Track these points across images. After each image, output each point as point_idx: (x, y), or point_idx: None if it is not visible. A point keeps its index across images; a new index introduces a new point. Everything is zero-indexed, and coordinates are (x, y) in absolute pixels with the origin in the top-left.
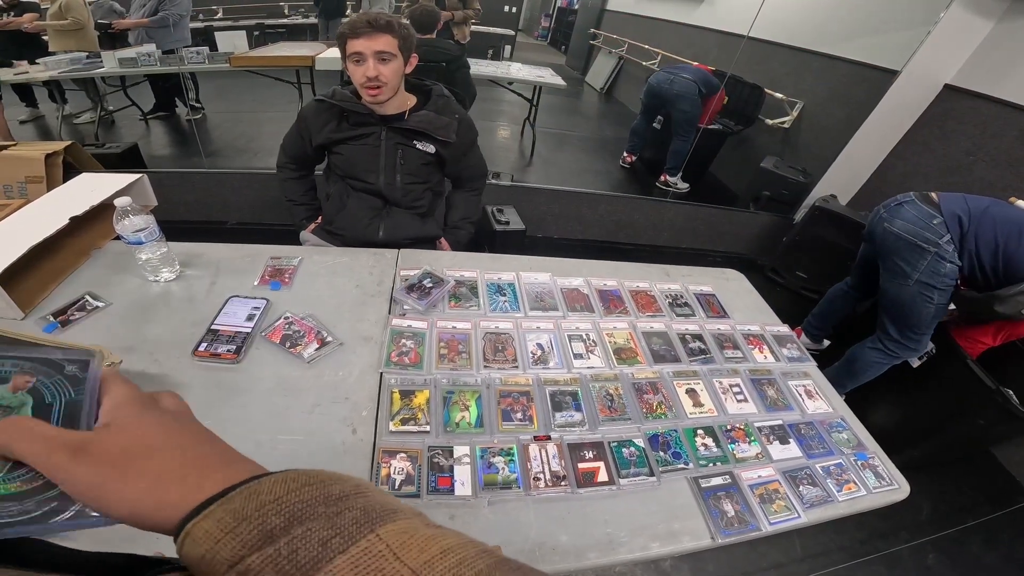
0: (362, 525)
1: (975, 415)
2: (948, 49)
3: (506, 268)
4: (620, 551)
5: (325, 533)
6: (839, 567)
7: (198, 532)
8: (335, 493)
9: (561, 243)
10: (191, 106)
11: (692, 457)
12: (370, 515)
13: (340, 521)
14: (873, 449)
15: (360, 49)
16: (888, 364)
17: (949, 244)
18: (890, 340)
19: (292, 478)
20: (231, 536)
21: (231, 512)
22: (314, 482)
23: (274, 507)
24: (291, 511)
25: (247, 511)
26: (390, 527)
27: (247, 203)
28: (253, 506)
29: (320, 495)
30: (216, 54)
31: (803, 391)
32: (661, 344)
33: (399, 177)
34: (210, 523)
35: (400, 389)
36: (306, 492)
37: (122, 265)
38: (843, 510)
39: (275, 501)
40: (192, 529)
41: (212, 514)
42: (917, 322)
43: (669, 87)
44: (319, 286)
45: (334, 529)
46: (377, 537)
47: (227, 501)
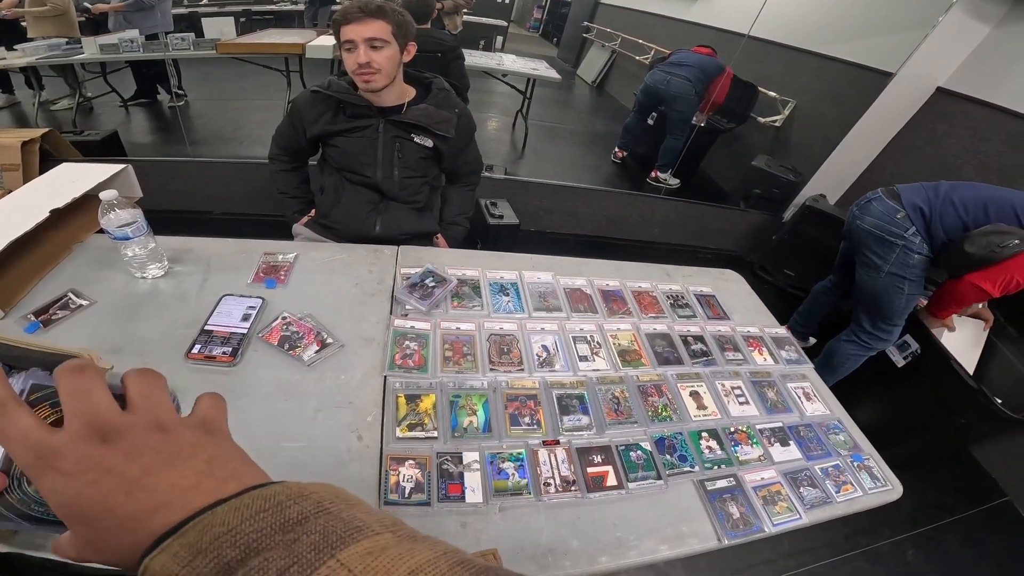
0: (321, 551)
1: (957, 414)
2: (943, 52)
3: (508, 267)
4: (630, 555)
5: (282, 563)
6: (825, 563)
7: (155, 567)
8: (293, 517)
9: (555, 238)
10: (175, 93)
11: (697, 460)
12: (330, 538)
13: (298, 548)
14: (868, 451)
15: (352, 36)
16: (863, 356)
17: (915, 236)
18: (864, 332)
19: (246, 505)
20: (188, 571)
21: (186, 546)
22: (270, 507)
23: (228, 539)
24: (246, 542)
25: (202, 544)
26: (352, 549)
27: (234, 193)
28: (207, 539)
29: (276, 521)
30: (202, 40)
31: (801, 393)
32: (664, 346)
33: (396, 171)
34: (166, 557)
35: (405, 393)
36: (261, 519)
37: (106, 260)
38: (841, 511)
39: (229, 532)
40: (150, 564)
41: (168, 548)
42: (889, 313)
43: (666, 88)
44: (317, 284)
45: (292, 557)
46: (338, 563)
47: (181, 535)
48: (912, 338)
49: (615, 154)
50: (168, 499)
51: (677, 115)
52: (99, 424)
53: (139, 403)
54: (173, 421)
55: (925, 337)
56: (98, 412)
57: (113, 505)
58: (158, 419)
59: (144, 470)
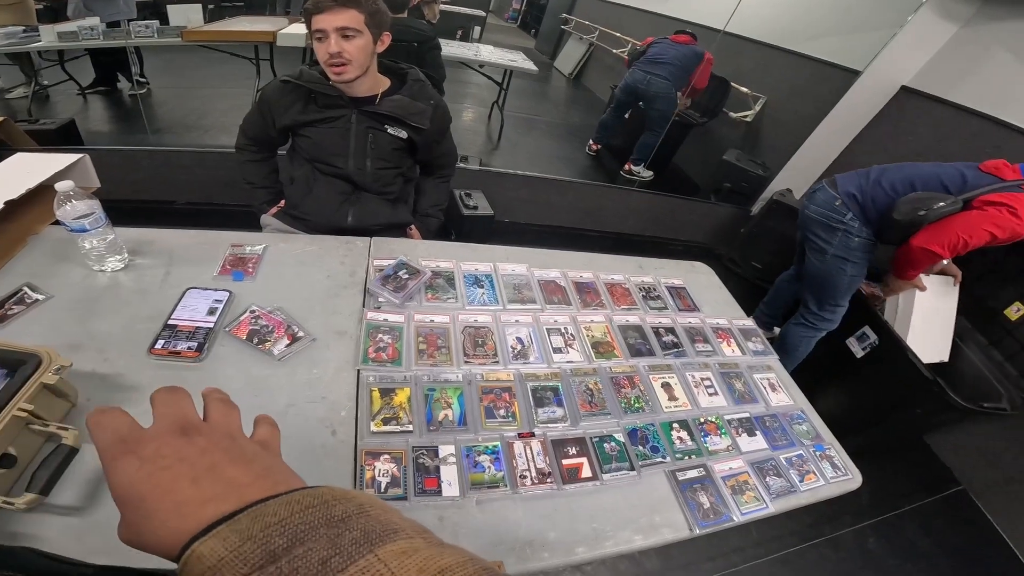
0: (361, 545)
1: (913, 404)
2: (909, 52)
3: (483, 259)
4: (607, 545)
5: (325, 553)
6: (791, 550)
7: (204, 550)
8: (337, 514)
9: (529, 229)
10: (136, 81)
11: (669, 451)
12: (370, 536)
13: (341, 541)
14: (829, 440)
15: (323, 26)
16: (812, 337)
17: (853, 221)
18: (810, 313)
19: (297, 500)
20: (235, 555)
21: (237, 532)
22: (318, 503)
23: (278, 528)
24: (294, 532)
25: (252, 531)
26: (390, 547)
27: (197, 182)
28: (258, 527)
29: (323, 516)
30: (167, 28)
31: (767, 384)
32: (637, 338)
33: (369, 162)
34: (216, 542)
35: (379, 387)
36: (309, 514)
37: (63, 253)
38: (805, 499)
39: (279, 523)
40: (199, 547)
41: (219, 534)
42: (833, 293)
43: (646, 88)
44: (287, 277)
45: (334, 549)
46: (376, 557)
47: (234, 522)
48: (871, 330)
49: (590, 147)
50: (226, 491)
51: (657, 113)
52: (183, 422)
53: (217, 418)
54: (241, 435)
55: (884, 329)
56: (184, 414)
57: (177, 489)
58: (230, 431)
59: (212, 464)
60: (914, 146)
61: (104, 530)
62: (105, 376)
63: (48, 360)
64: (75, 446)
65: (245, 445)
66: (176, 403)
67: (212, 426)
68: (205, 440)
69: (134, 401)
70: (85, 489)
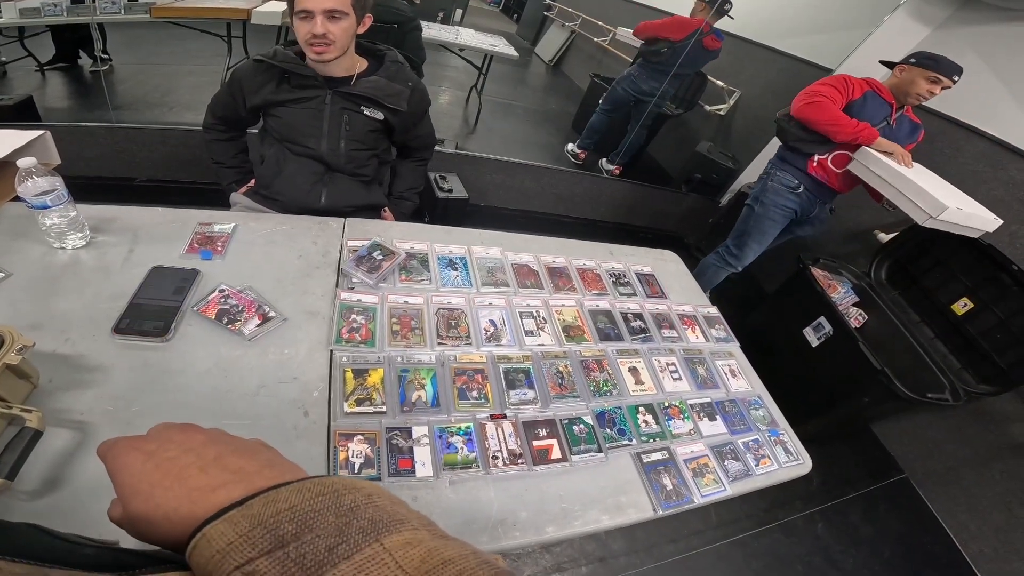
0: (368, 534)
1: (861, 393)
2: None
3: (457, 241)
4: (575, 524)
5: (332, 540)
6: (747, 534)
7: (214, 533)
8: (346, 504)
9: (503, 213)
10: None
11: (635, 434)
12: (377, 525)
13: (348, 530)
14: (783, 426)
15: (309, 6)
16: (719, 268)
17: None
18: (724, 249)
19: (308, 488)
20: (244, 539)
21: (248, 517)
22: (327, 492)
23: (288, 514)
24: (303, 519)
25: (263, 517)
26: (395, 537)
27: (159, 160)
28: (269, 513)
29: (332, 506)
30: (134, 4)
31: (728, 370)
32: (606, 323)
33: (343, 143)
34: (226, 526)
35: (353, 368)
36: (319, 502)
37: (21, 230)
38: (760, 483)
39: (290, 509)
40: (209, 530)
41: (230, 518)
42: (740, 231)
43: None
44: (257, 256)
45: (341, 537)
46: (381, 546)
47: (246, 507)
48: (826, 320)
49: (577, 156)
50: (234, 479)
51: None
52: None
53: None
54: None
55: (838, 321)
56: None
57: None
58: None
59: (217, 454)
60: None
61: (70, 515)
62: (67, 357)
63: (11, 340)
64: (40, 428)
65: (243, 440)
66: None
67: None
68: (205, 435)
69: (98, 383)
70: (51, 473)
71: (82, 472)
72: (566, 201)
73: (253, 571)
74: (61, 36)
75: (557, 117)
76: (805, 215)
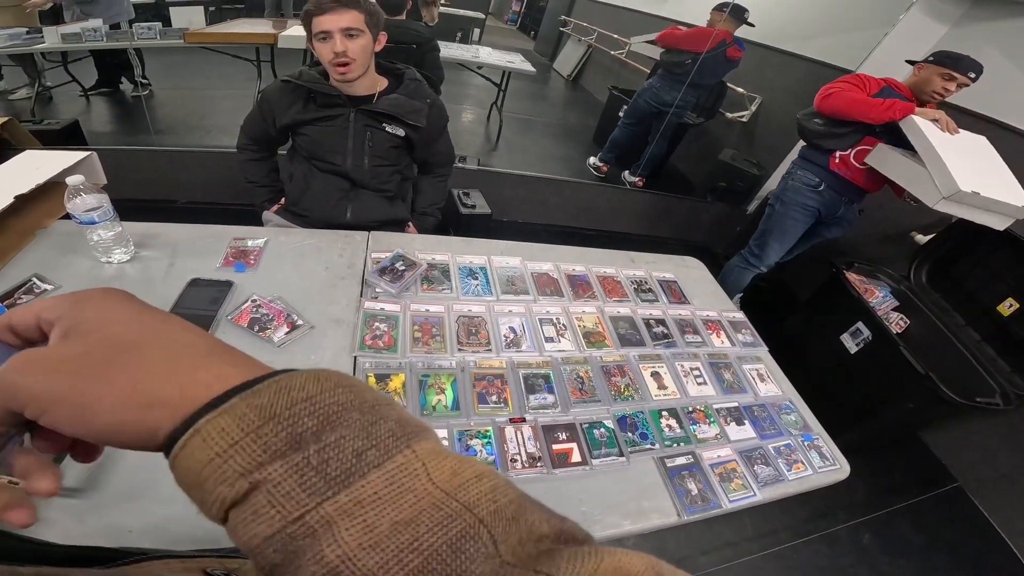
0: (399, 438)
1: (906, 399)
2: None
3: (477, 252)
4: (595, 529)
5: (360, 443)
6: (785, 546)
7: (211, 430)
8: (369, 400)
9: (526, 227)
10: (138, 83)
11: (658, 438)
12: (406, 429)
13: (376, 431)
14: (818, 431)
15: (327, 27)
16: (743, 269)
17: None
18: (747, 250)
19: (324, 377)
20: (252, 438)
21: (256, 408)
22: (346, 384)
23: (306, 406)
24: (325, 414)
25: (276, 408)
26: (424, 445)
27: (199, 182)
28: (283, 403)
29: (355, 400)
30: (170, 30)
31: (756, 374)
32: (627, 328)
33: (367, 160)
34: (228, 420)
35: (375, 373)
36: (340, 394)
37: (71, 246)
38: (793, 488)
39: (308, 400)
40: (204, 426)
41: (233, 409)
42: (762, 231)
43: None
44: (287, 268)
45: (370, 440)
46: (413, 453)
47: (253, 395)
48: (864, 325)
49: (599, 168)
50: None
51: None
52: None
53: None
54: None
55: (877, 326)
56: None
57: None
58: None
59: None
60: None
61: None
62: None
63: None
64: None
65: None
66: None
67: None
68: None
69: None
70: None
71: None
72: (588, 213)
73: (264, 479)
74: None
75: (577, 131)
76: (829, 214)
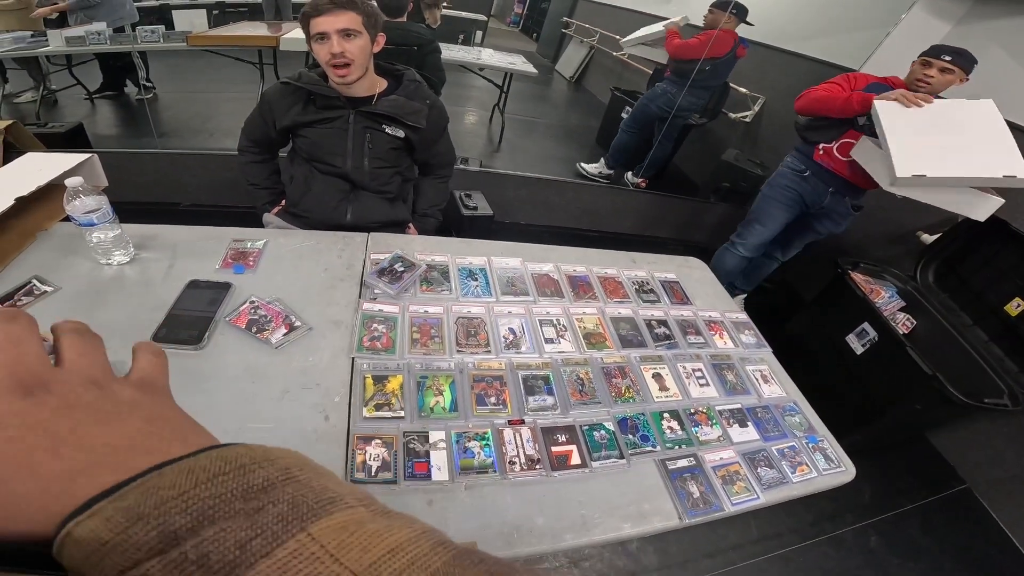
0: (290, 523)
1: (913, 400)
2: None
3: (477, 253)
4: (594, 532)
5: (244, 534)
6: (791, 548)
7: (82, 533)
8: (256, 483)
9: (528, 229)
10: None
11: (659, 440)
12: (299, 509)
13: (262, 518)
14: (822, 432)
15: (324, 29)
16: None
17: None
18: (734, 233)
19: (202, 467)
20: (123, 537)
21: (122, 510)
22: (230, 469)
23: (177, 503)
24: (200, 508)
25: (143, 509)
26: (325, 522)
27: (202, 185)
28: (151, 503)
29: (237, 487)
30: (173, 33)
31: (759, 376)
32: (628, 329)
33: (367, 161)
34: (96, 522)
35: (373, 374)
36: (220, 484)
37: (71, 248)
38: (797, 491)
39: (179, 496)
40: (75, 528)
41: (100, 512)
42: (751, 212)
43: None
44: (286, 270)
45: (255, 528)
46: (309, 536)
47: (118, 498)
48: (870, 326)
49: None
50: (101, 459)
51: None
52: (25, 376)
53: (73, 358)
54: (109, 378)
55: (883, 326)
56: (26, 363)
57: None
58: (92, 375)
59: (73, 427)
60: None
61: None
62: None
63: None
64: None
65: (117, 391)
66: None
67: (67, 373)
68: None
69: None
70: None
71: None
72: (591, 215)
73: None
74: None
75: (580, 132)
76: (815, 203)
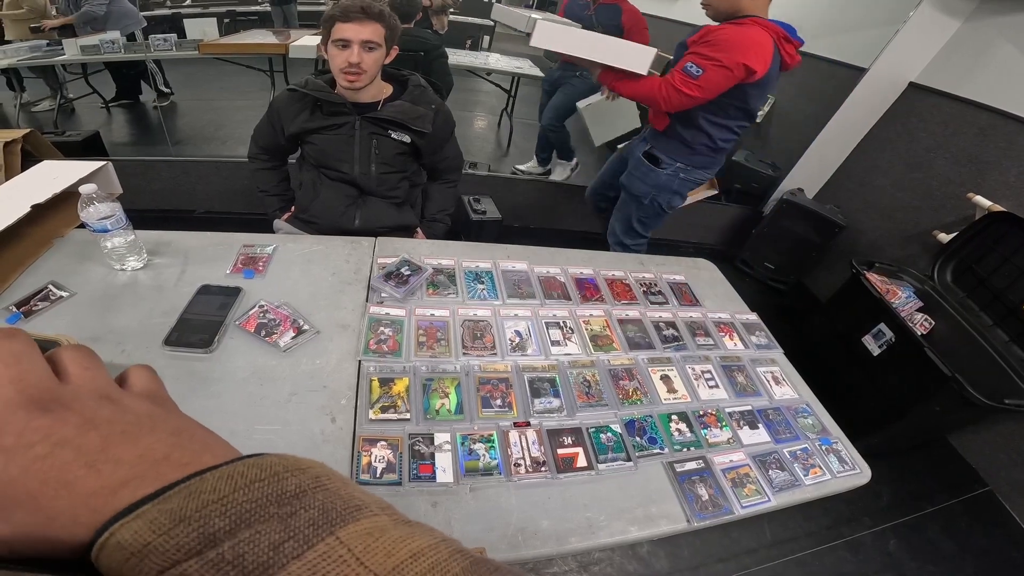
0: (320, 527)
1: (932, 402)
2: (914, 48)
3: (483, 256)
4: (600, 535)
5: (277, 536)
6: (806, 552)
7: (126, 535)
8: (290, 489)
9: (537, 232)
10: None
11: (667, 442)
12: (329, 515)
13: (295, 522)
14: (836, 434)
15: (348, 36)
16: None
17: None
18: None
19: (240, 473)
20: (165, 539)
21: (167, 512)
22: (265, 476)
23: (217, 507)
24: (238, 512)
25: (186, 511)
26: (352, 528)
27: (215, 192)
28: (194, 506)
29: (272, 493)
30: (184, 41)
31: (770, 377)
32: (636, 331)
33: (374, 167)
34: (141, 524)
35: (379, 377)
36: (256, 489)
37: (86, 254)
38: (810, 494)
39: (219, 500)
40: (119, 531)
41: (145, 514)
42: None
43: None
44: (294, 274)
45: (288, 531)
46: (337, 540)
47: (163, 500)
48: (887, 327)
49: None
50: (139, 472)
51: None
52: (35, 392)
53: (78, 372)
54: (118, 392)
55: (900, 327)
56: (32, 379)
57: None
58: (101, 390)
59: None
60: (925, 142)
61: None
62: (122, 366)
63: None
64: None
65: (132, 405)
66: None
67: (76, 388)
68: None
69: None
70: None
71: None
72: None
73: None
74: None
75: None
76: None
